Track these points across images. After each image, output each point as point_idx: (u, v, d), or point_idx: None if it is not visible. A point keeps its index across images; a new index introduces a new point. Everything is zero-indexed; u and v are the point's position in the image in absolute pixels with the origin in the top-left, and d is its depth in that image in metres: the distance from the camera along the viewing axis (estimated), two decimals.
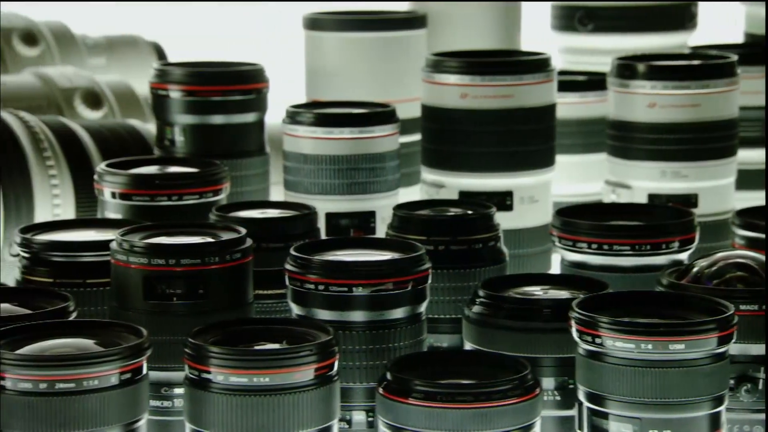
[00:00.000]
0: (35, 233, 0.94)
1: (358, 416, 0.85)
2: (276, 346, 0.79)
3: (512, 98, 1.09)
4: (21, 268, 0.92)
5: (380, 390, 0.78)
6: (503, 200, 1.08)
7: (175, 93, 1.14)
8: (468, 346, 0.88)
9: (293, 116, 1.08)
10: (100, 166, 1.05)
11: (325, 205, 1.04)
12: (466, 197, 1.08)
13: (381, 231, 1.07)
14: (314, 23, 1.25)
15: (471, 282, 0.94)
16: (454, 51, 1.15)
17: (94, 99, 1.39)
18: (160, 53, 1.66)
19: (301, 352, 0.76)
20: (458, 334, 0.95)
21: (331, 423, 0.78)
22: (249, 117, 1.16)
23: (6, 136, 1.15)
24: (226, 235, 0.88)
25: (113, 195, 1.02)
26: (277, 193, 1.19)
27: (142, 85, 1.58)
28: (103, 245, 0.91)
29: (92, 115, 1.38)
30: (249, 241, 0.87)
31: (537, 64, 1.10)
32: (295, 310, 0.87)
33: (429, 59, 1.12)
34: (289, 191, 1.10)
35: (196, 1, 2.10)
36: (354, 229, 1.06)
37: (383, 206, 1.07)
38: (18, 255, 1.15)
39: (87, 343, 0.78)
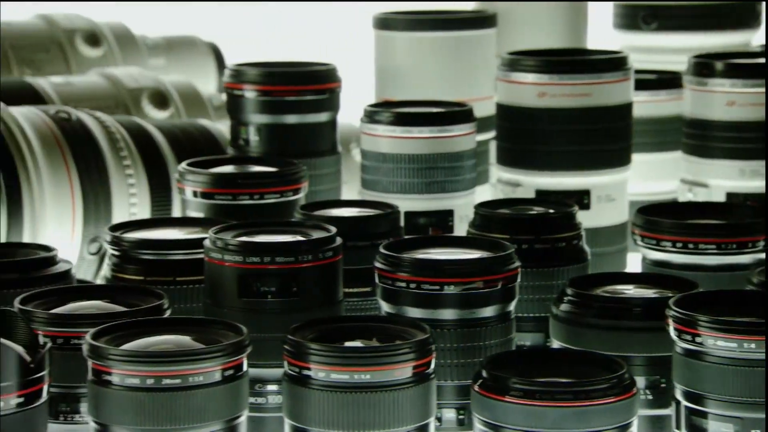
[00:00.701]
0: (124, 231, 0.95)
1: (449, 414, 0.85)
2: (370, 343, 0.80)
3: (590, 97, 1.09)
4: (111, 266, 0.94)
5: (475, 388, 0.79)
6: (581, 199, 1.09)
7: (249, 93, 1.15)
8: (555, 344, 0.89)
9: (371, 115, 1.09)
10: (182, 165, 1.06)
11: (403, 203, 1.05)
12: (544, 196, 1.09)
13: (458, 230, 1.08)
14: (385, 23, 1.26)
15: (554, 281, 0.94)
16: (530, 50, 1.16)
17: (161, 99, 1.40)
18: (218, 54, 1.68)
19: (401, 350, 0.76)
20: (540, 332, 0.96)
21: (428, 420, 0.79)
22: (322, 116, 1.17)
23: (84, 136, 1.17)
24: (316, 234, 0.89)
25: (195, 194, 1.03)
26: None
27: (200, 85, 1.60)
28: (194, 243, 0.92)
29: (159, 115, 1.39)
30: (339, 240, 0.88)
31: (615, 63, 1.10)
32: (385, 307, 0.88)
33: (505, 58, 1.13)
34: (366, 190, 1.10)
35: (259, 1, 2.11)
36: (432, 227, 1.07)
37: (461, 205, 1.08)
38: (96, 253, 1.17)
39: (186, 340, 0.79)
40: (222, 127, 1.34)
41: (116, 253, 0.93)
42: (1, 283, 0.90)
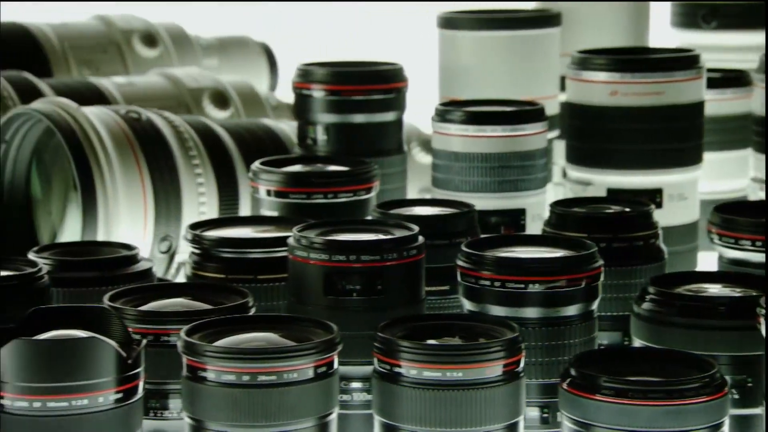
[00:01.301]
0: (204, 230, 0.96)
1: (532, 412, 0.85)
2: (455, 341, 0.81)
3: (663, 95, 1.09)
4: (191, 264, 0.95)
5: (564, 386, 0.79)
6: (653, 198, 1.08)
7: (317, 92, 1.15)
8: (637, 342, 0.89)
9: (443, 114, 1.09)
10: (255, 165, 1.07)
11: (475, 202, 1.04)
12: (615, 195, 1.08)
13: (530, 229, 1.08)
14: (449, 22, 1.26)
15: (632, 280, 0.94)
16: (600, 48, 1.16)
17: (221, 99, 1.41)
18: (270, 54, 1.69)
19: (493, 348, 0.77)
20: (617, 331, 0.96)
21: (518, 419, 0.79)
22: (389, 116, 1.17)
23: (155, 136, 1.18)
24: (398, 232, 0.89)
25: (268, 192, 1.04)
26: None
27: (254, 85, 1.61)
28: (275, 242, 0.93)
29: (220, 115, 1.40)
30: (422, 238, 0.88)
31: (688, 61, 1.10)
32: (467, 305, 0.88)
33: (576, 57, 1.13)
34: (437, 189, 1.11)
35: (312, 1, 2.11)
36: (504, 226, 1.07)
37: (533, 204, 1.08)
38: (167, 252, 1.18)
39: (276, 338, 0.80)
40: (284, 126, 1.35)
41: (197, 251, 0.94)
42: (84, 281, 0.91)
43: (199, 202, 1.19)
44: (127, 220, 1.13)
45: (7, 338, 0.75)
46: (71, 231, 1.19)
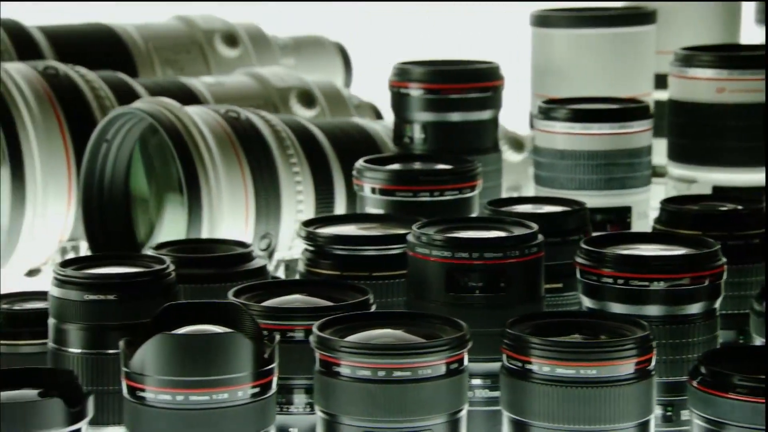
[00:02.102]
0: (316, 227, 0.97)
1: (656, 410, 0.85)
2: (579, 338, 0.81)
3: None
4: (305, 261, 0.96)
5: (694, 384, 0.79)
6: (759, 195, 1.08)
7: (415, 91, 1.16)
8: (757, 341, 0.88)
9: (547, 112, 1.09)
10: (360, 163, 1.07)
11: (580, 200, 1.04)
12: (723, 192, 1.08)
13: (636, 226, 1.08)
14: (544, 20, 1.26)
15: (749, 278, 0.93)
16: (703, 45, 1.15)
17: (308, 98, 1.42)
18: (344, 54, 1.70)
19: (627, 346, 0.77)
20: (732, 330, 0.95)
21: (648, 417, 0.79)
22: (485, 114, 1.18)
23: (254, 135, 1.19)
24: (517, 230, 0.89)
25: (373, 190, 1.05)
26: None
27: None
28: (391, 239, 0.94)
29: (307, 114, 1.41)
30: (541, 236, 0.88)
31: None
32: (587, 303, 0.88)
33: (680, 54, 1.12)
34: (541, 186, 1.11)
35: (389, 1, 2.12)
36: (610, 224, 1.07)
37: (638, 201, 1.08)
38: (266, 249, 1.19)
39: (403, 334, 0.80)
40: (376, 125, 1.36)
41: (311, 248, 0.95)
42: (201, 277, 0.92)
43: (297, 200, 1.20)
44: (230, 218, 1.14)
45: (142, 333, 0.77)
46: (169, 228, 1.21)
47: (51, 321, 0.84)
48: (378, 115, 1.55)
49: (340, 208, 1.24)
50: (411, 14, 2.17)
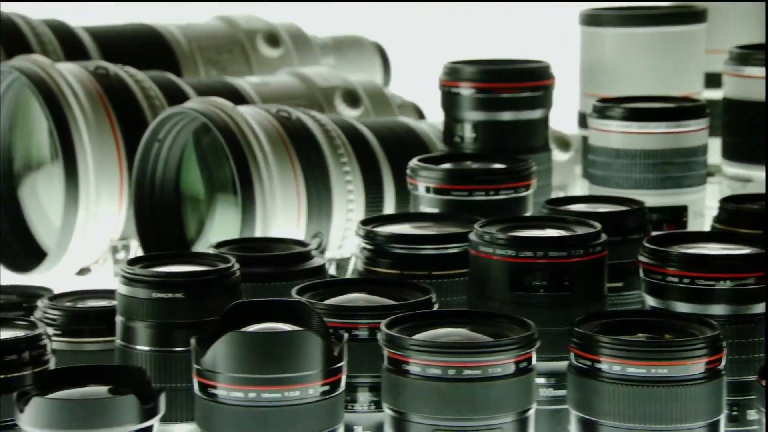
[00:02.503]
0: (374, 226, 0.97)
1: None
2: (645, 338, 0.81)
3: None
4: (363, 260, 0.96)
5: (763, 383, 0.78)
6: None
7: (466, 90, 1.16)
8: None
9: (602, 111, 1.09)
10: (414, 162, 1.07)
11: (636, 199, 1.04)
12: None
13: (692, 225, 1.07)
14: (594, 19, 1.26)
15: None
16: (758, 44, 1.14)
17: (353, 98, 1.42)
18: (383, 53, 1.70)
19: (698, 345, 0.76)
20: None
21: (719, 417, 0.79)
22: (536, 113, 1.18)
23: (305, 135, 1.19)
24: (580, 229, 0.89)
25: (428, 189, 1.05)
26: None
27: None
28: (450, 238, 0.93)
29: (352, 114, 1.41)
30: (605, 235, 0.88)
31: None
32: (651, 302, 0.87)
33: (735, 52, 1.12)
34: (595, 185, 1.10)
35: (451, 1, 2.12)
36: (666, 223, 1.06)
37: (695, 200, 1.07)
38: (318, 248, 1.19)
39: (469, 332, 0.80)
40: (423, 125, 1.36)
41: (369, 247, 0.95)
42: (261, 276, 0.92)
43: (348, 199, 1.21)
44: (283, 217, 1.15)
45: (211, 331, 0.77)
46: (220, 227, 1.21)
47: (119, 318, 0.84)
48: (420, 115, 1.55)
49: (389, 207, 1.24)
50: (447, 13, 2.16)
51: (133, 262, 0.85)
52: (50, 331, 0.84)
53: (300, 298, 0.84)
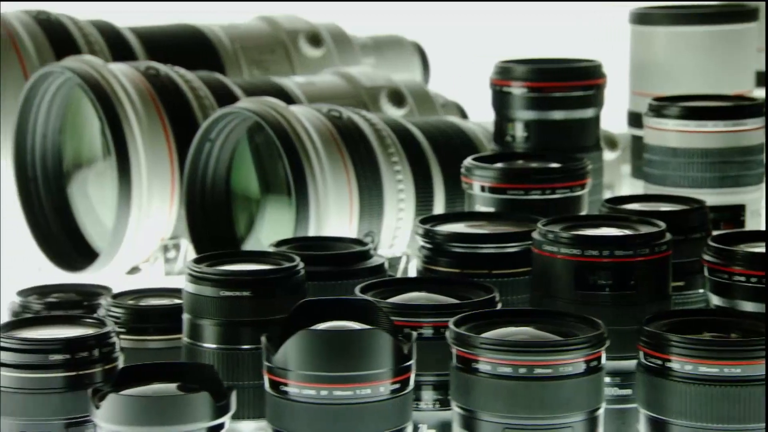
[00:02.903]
0: (433, 224, 0.97)
1: None
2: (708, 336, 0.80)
3: None
4: (422, 258, 0.96)
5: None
6: None
7: (517, 89, 1.16)
8: None
9: (659, 110, 1.08)
10: (468, 161, 1.07)
11: (695, 198, 1.04)
12: None
13: (749, 225, 1.07)
14: (645, 18, 1.26)
15: None
16: None
17: (398, 97, 1.42)
18: (422, 53, 1.70)
19: None
20: None
21: None
22: (588, 112, 1.17)
23: (356, 135, 1.19)
24: (644, 228, 0.89)
25: (483, 188, 1.04)
26: None
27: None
28: (511, 236, 0.93)
29: (397, 113, 1.41)
30: (669, 234, 0.87)
31: None
32: (715, 301, 0.87)
33: None
34: (651, 184, 1.10)
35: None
36: (724, 222, 1.06)
37: (752, 199, 1.07)
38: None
39: (535, 331, 0.80)
40: (471, 124, 1.35)
41: (428, 245, 0.95)
42: (321, 275, 0.92)
43: (398, 198, 1.21)
44: (335, 217, 1.15)
45: (280, 329, 0.77)
46: (270, 225, 1.22)
47: (186, 316, 0.85)
48: (463, 114, 1.55)
49: (438, 206, 1.24)
50: (485, 12, 2.16)
51: (199, 260, 0.86)
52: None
53: (366, 297, 0.84)
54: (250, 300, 0.82)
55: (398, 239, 1.21)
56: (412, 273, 1.06)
